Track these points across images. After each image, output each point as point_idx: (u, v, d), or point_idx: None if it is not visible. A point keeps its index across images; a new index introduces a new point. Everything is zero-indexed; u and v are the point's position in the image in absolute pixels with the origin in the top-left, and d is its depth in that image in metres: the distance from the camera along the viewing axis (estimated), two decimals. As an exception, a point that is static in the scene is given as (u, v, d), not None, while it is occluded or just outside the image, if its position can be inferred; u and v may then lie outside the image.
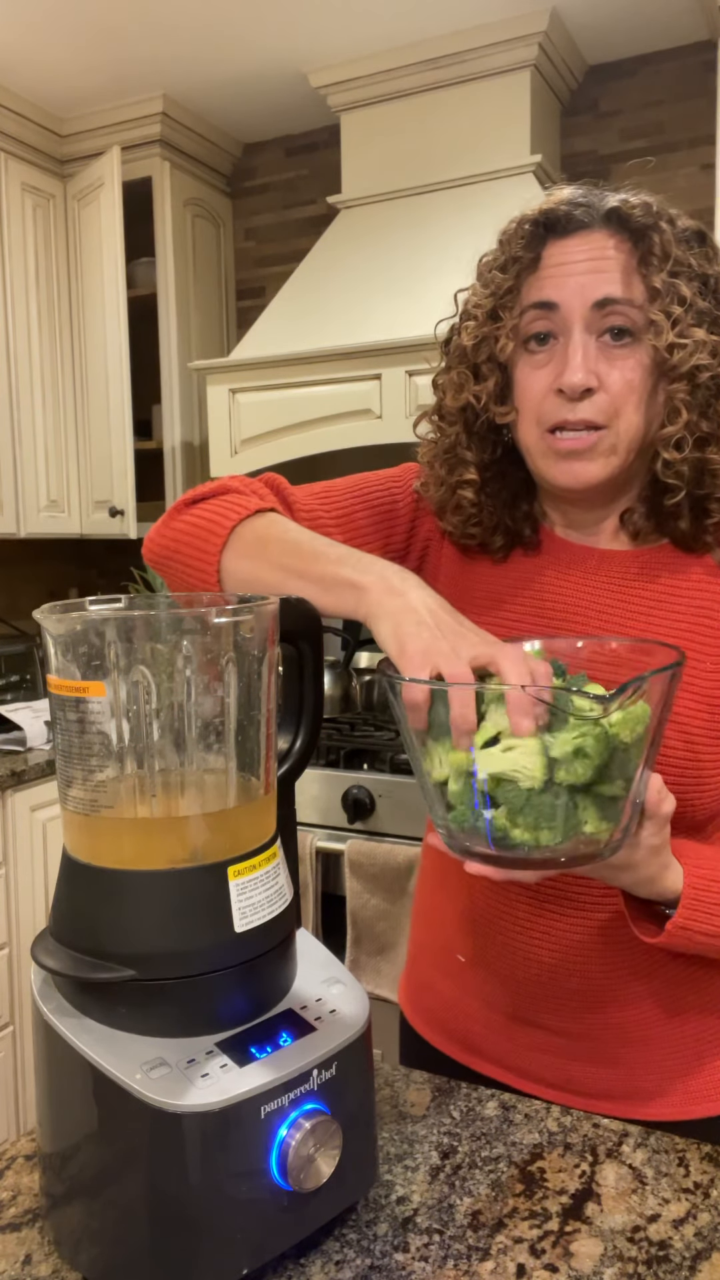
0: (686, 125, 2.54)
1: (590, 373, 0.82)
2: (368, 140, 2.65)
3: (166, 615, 0.67)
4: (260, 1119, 0.61)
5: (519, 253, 0.86)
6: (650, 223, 0.82)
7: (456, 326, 0.92)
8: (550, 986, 0.91)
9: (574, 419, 0.84)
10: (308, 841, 2.24)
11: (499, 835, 0.66)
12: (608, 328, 0.83)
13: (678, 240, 0.83)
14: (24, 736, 2.51)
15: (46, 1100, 0.68)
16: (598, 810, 0.67)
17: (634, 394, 0.83)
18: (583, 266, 0.83)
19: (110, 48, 2.52)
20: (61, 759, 0.68)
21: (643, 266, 0.82)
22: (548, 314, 0.85)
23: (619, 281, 0.82)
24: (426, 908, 1.06)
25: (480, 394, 0.89)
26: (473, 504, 0.91)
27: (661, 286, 0.81)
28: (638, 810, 0.71)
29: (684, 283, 0.82)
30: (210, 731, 0.67)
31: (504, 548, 0.94)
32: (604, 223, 0.84)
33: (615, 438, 0.84)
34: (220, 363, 2.56)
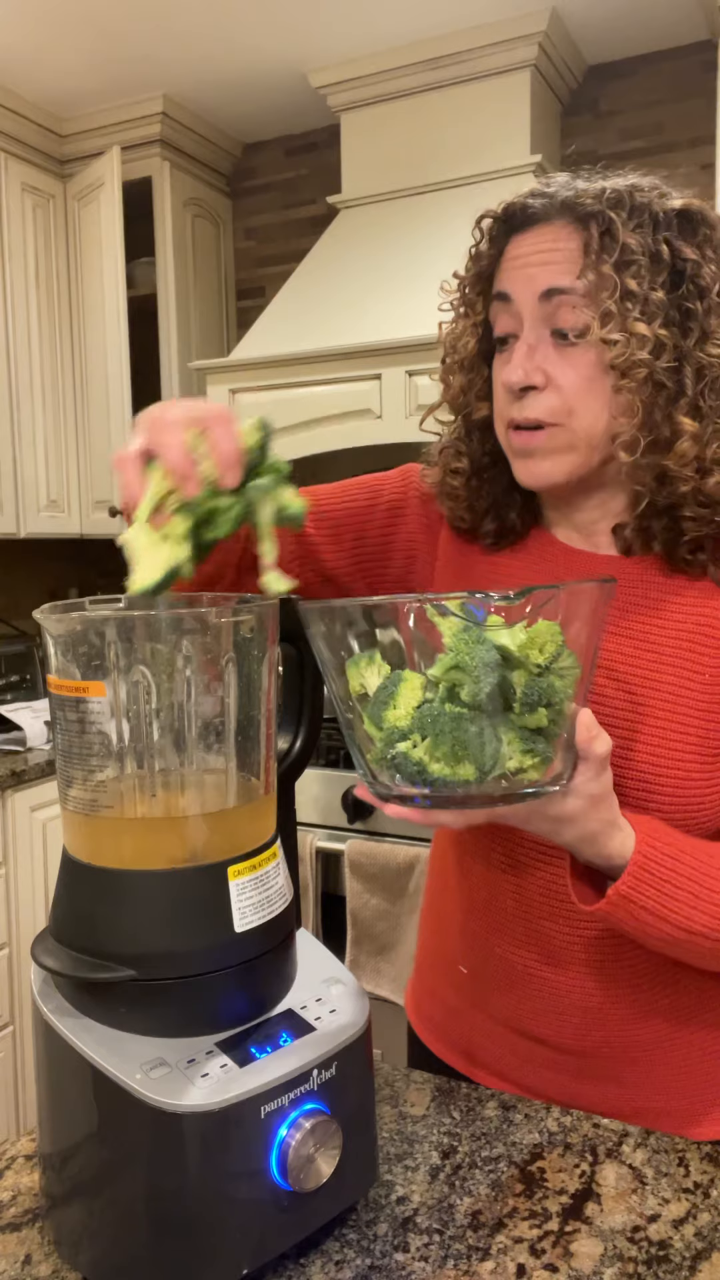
0: (686, 125, 2.54)
1: (535, 369, 0.81)
2: (368, 140, 2.65)
3: (166, 615, 0.67)
4: (260, 1119, 0.61)
5: (482, 249, 0.87)
6: (598, 210, 0.78)
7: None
8: (550, 1002, 0.90)
9: (520, 417, 0.82)
10: (308, 841, 2.24)
11: (416, 769, 0.63)
12: (556, 326, 0.80)
13: (640, 227, 0.78)
14: (24, 736, 2.51)
15: (46, 1100, 0.68)
16: (521, 743, 0.63)
17: (586, 391, 0.80)
18: (534, 259, 0.81)
19: (110, 48, 2.52)
20: (61, 759, 0.68)
21: (585, 256, 0.79)
22: (505, 307, 0.84)
23: (563, 272, 0.79)
24: (432, 915, 1.05)
25: (461, 389, 0.90)
26: (462, 490, 0.92)
27: (595, 280, 0.78)
28: (571, 752, 0.68)
29: (636, 274, 0.77)
30: (210, 731, 0.67)
31: (493, 534, 0.93)
32: (559, 213, 0.81)
33: (570, 435, 0.81)
34: (220, 363, 2.56)
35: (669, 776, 0.82)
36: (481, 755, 0.62)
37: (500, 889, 0.91)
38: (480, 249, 0.87)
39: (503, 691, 0.63)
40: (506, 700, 0.63)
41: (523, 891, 0.89)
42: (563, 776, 0.68)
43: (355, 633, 0.67)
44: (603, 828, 0.73)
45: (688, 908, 0.75)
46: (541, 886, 0.87)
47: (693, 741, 0.82)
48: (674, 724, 0.82)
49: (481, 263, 0.87)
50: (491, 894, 0.92)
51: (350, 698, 0.67)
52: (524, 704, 0.63)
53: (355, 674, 0.66)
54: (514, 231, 0.84)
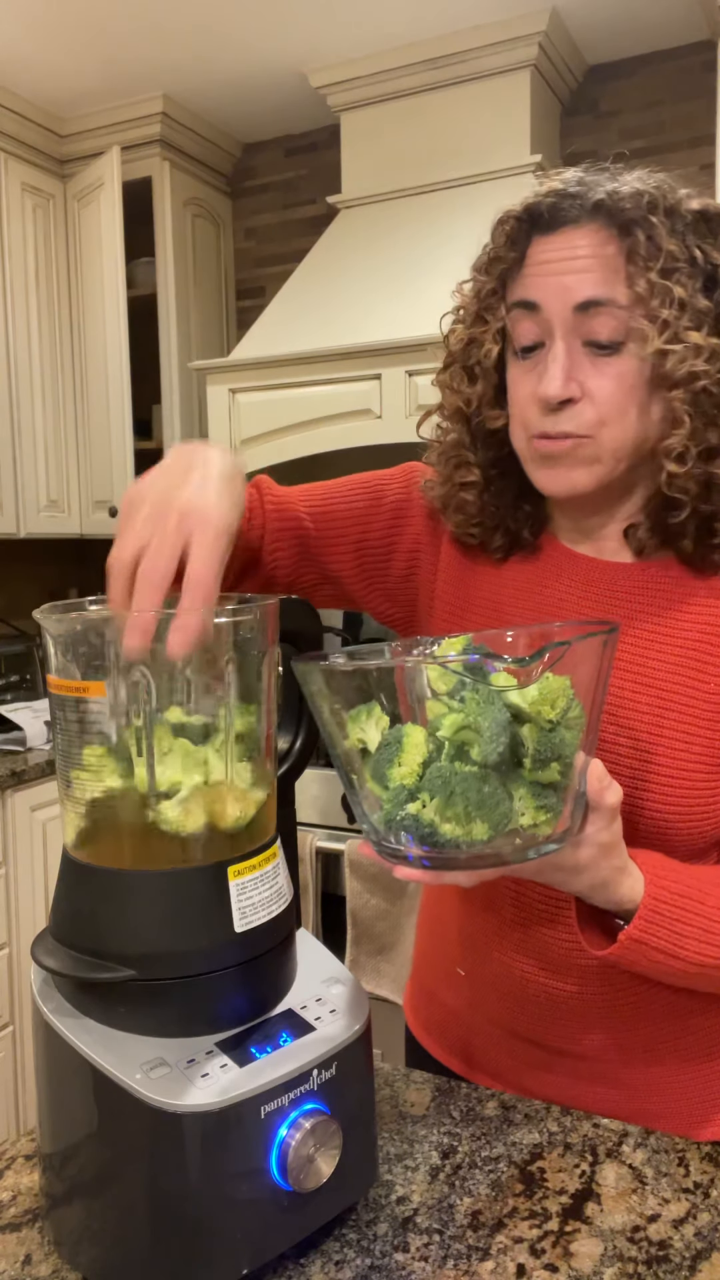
0: (686, 125, 2.54)
1: (570, 382, 0.77)
2: (368, 140, 2.65)
3: (167, 615, 0.67)
4: (260, 1119, 0.61)
5: (502, 251, 0.82)
6: (639, 215, 0.75)
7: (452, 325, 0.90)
8: (548, 1005, 0.89)
9: (554, 431, 0.79)
10: (308, 841, 2.24)
11: (427, 831, 0.60)
12: (592, 338, 0.77)
13: (675, 232, 0.76)
14: (24, 736, 2.51)
15: (46, 1100, 0.68)
16: (533, 799, 0.61)
17: (622, 404, 0.77)
18: (565, 266, 0.77)
19: (110, 48, 2.52)
20: (61, 759, 0.68)
21: (630, 265, 0.75)
22: (530, 315, 0.79)
23: (602, 282, 0.76)
24: (430, 917, 1.05)
25: (472, 397, 0.86)
26: (474, 504, 0.89)
27: (647, 288, 0.74)
28: (581, 803, 0.66)
29: (679, 280, 0.75)
30: (210, 731, 0.67)
31: (503, 548, 0.91)
32: (591, 216, 0.77)
33: (598, 447, 0.79)
34: (220, 363, 2.56)
35: (676, 786, 0.81)
36: (494, 814, 0.60)
37: (499, 895, 0.90)
38: (500, 251, 0.83)
39: (513, 747, 0.61)
40: (517, 756, 0.61)
41: (522, 898, 0.88)
42: (573, 829, 0.66)
43: (352, 685, 0.65)
44: (613, 874, 0.72)
45: (698, 943, 0.74)
46: (541, 893, 0.87)
47: (697, 752, 0.81)
48: (680, 732, 0.81)
49: (501, 266, 0.82)
50: (490, 899, 0.91)
51: (351, 754, 0.65)
52: (536, 760, 0.61)
53: (355, 728, 0.64)
54: (538, 233, 0.79)
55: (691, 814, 0.81)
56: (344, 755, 0.66)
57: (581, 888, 0.72)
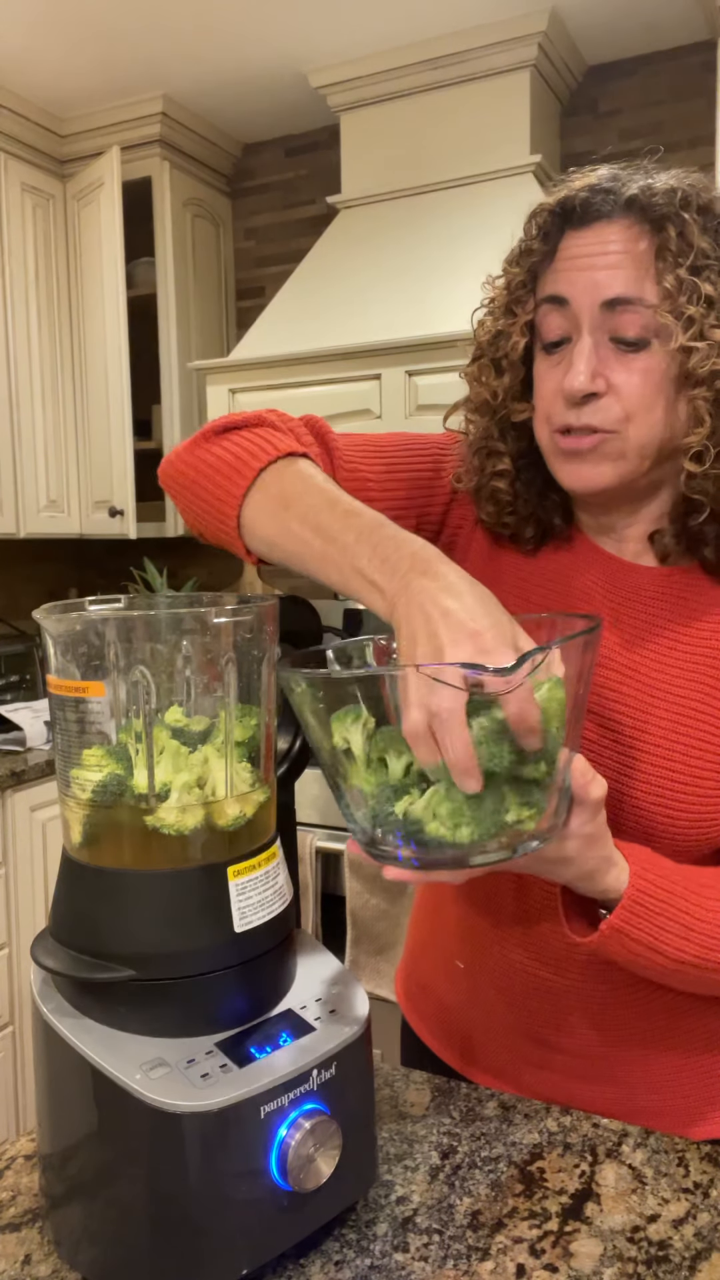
0: (686, 125, 2.54)
1: (596, 377, 0.77)
2: (367, 140, 2.65)
3: (166, 615, 0.67)
4: (260, 1119, 0.61)
5: (534, 244, 0.82)
6: (671, 211, 0.74)
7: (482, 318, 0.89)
8: (548, 1001, 0.89)
9: (578, 424, 0.79)
10: (308, 841, 2.24)
11: (413, 828, 0.60)
12: (618, 334, 0.77)
13: (707, 229, 0.75)
14: (24, 736, 2.51)
15: (46, 1100, 0.68)
16: (518, 796, 0.62)
17: (648, 400, 0.77)
18: (596, 261, 0.77)
19: (110, 48, 2.52)
20: (61, 759, 0.68)
21: (659, 260, 0.75)
22: (560, 310, 0.79)
23: (632, 279, 0.75)
24: (428, 909, 1.05)
25: (498, 389, 0.86)
26: (507, 493, 0.88)
27: (675, 284, 0.74)
28: (565, 798, 0.67)
29: (709, 278, 0.74)
30: (210, 731, 0.67)
31: (534, 538, 0.90)
32: (624, 212, 0.76)
33: (623, 443, 0.78)
34: (220, 363, 2.56)
35: (691, 793, 0.80)
36: (485, 815, 0.61)
37: (500, 889, 0.90)
38: (532, 244, 0.82)
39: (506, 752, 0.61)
40: (508, 760, 0.61)
41: (523, 892, 0.89)
42: (558, 824, 0.66)
43: (334, 691, 0.65)
44: (599, 864, 0.72)
45: (678, 939, 0.75)
46: (542, 888, 0.87)
47: (712, 759, 0.81)
48: (695, 739, 0.81)
49: (533, 259, 0.82)
50: (491, 893, 0.91)
51: (336, 754, 0.65)
52: (526, 759, 0.61)
53: (339, 729, 0.64)
54: (570, 227, 0.79)
55: (702, 820, 0.81)
56: (329, 756, 0.66)
57: (569, 877, 0.73)
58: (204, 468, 0.82)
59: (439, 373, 2.27)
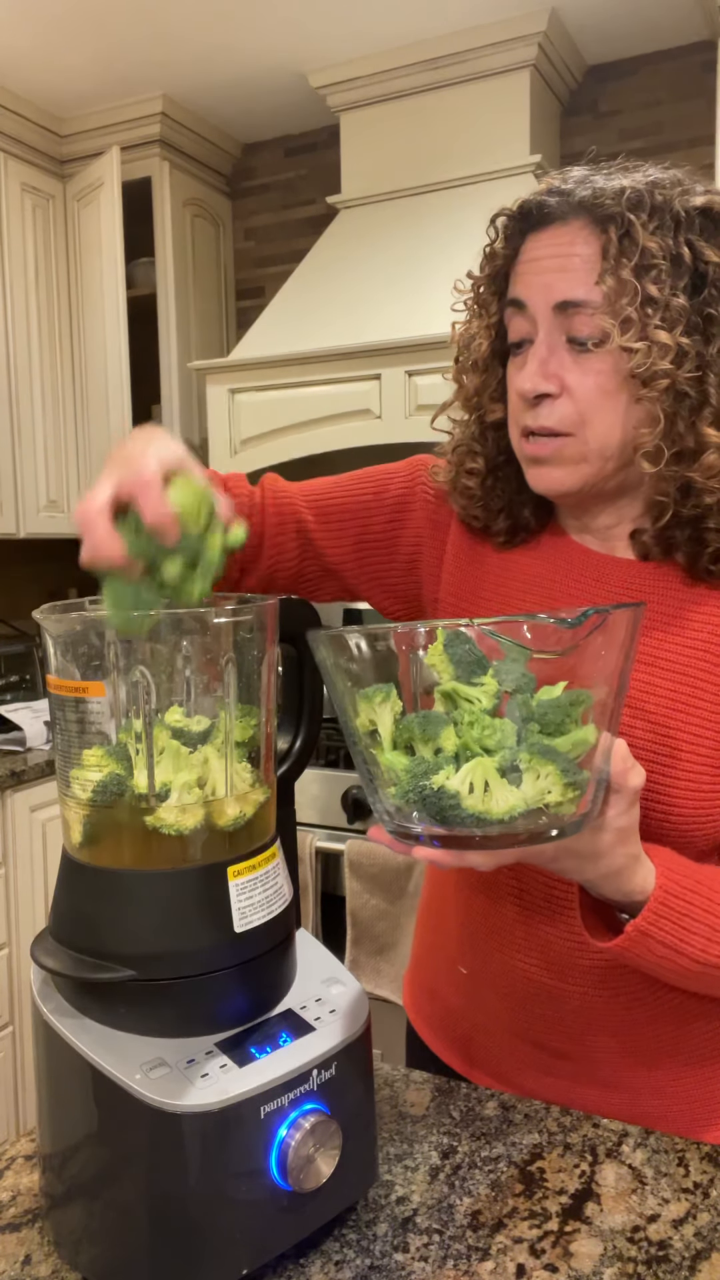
0: (686, 125, 2.54)
1: (550, 378, 0.78)
2: (367, 140, 2.65)
3: (166, 615, 0.67)
4: (260, 1119, 0.61)
5: (497, 248, 0.84)
6: (616, 212, 0.75)
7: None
8: (550, 1006, 0.89)
9: (534, 425, 0.80)
10: (308, 841, 2.24)
11: (450, 803, 0.58)
12: (573, 334, 0.78)
13: (661, 229, 0.75)
14: (24, 736, 2.51)
15: (46, 1100, 0.68)
16: (562, 776, 0.59)
17: (602, 400, 0.78)
18: (549, 264, 0.78)
19: (110, 48, 2.52)
20: (61, 759, 0.68)
21: (603, 261, 0.75)
22: (520, 313, 0.81)
23: (581, 282, 0.76)
24: (432, 911, 1.04)
25: (473, 390, 0.88)
26: (477, 490, 0.90)
27: (615, 285, 0.74)
28: (603, 785, 0.65)
29: (656, 278, 0.74)
30: (210, 731, 0.67)
31: (505, 532, 0.91)
32: (576, 213, 0.77)
33: (582, 445, 0.79)
34: (220, 363, 2.56)
35: (680, 790, 0.80)
36: (518, 790, 0.59)
37: (501, 893, 0.90)
38: (495, 248, 0.84)
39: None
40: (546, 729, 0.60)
41: (524, 896, 0.88)
42: (593, 812, 0.64)
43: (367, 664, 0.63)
44: (628, 862, 0.70)
45: (704, 940, 0.73)
46: (543, 893, 0.86)
47: (704, 754, 0.80)
48: (685, 737, 0.80)
49: (496, 262, 0.84)
50: (492, 899, 0.91)
51: (364, 732, 0.63)
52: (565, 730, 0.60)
53: (367, 708, 0.62)
54: (530, 230, 0.81)
55: (698, 815, 0.81)
56: (357, 733, 0.64)
57: (595, 876, 0.71)
58: None
59: (439, 373, 2.27)
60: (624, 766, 0.66)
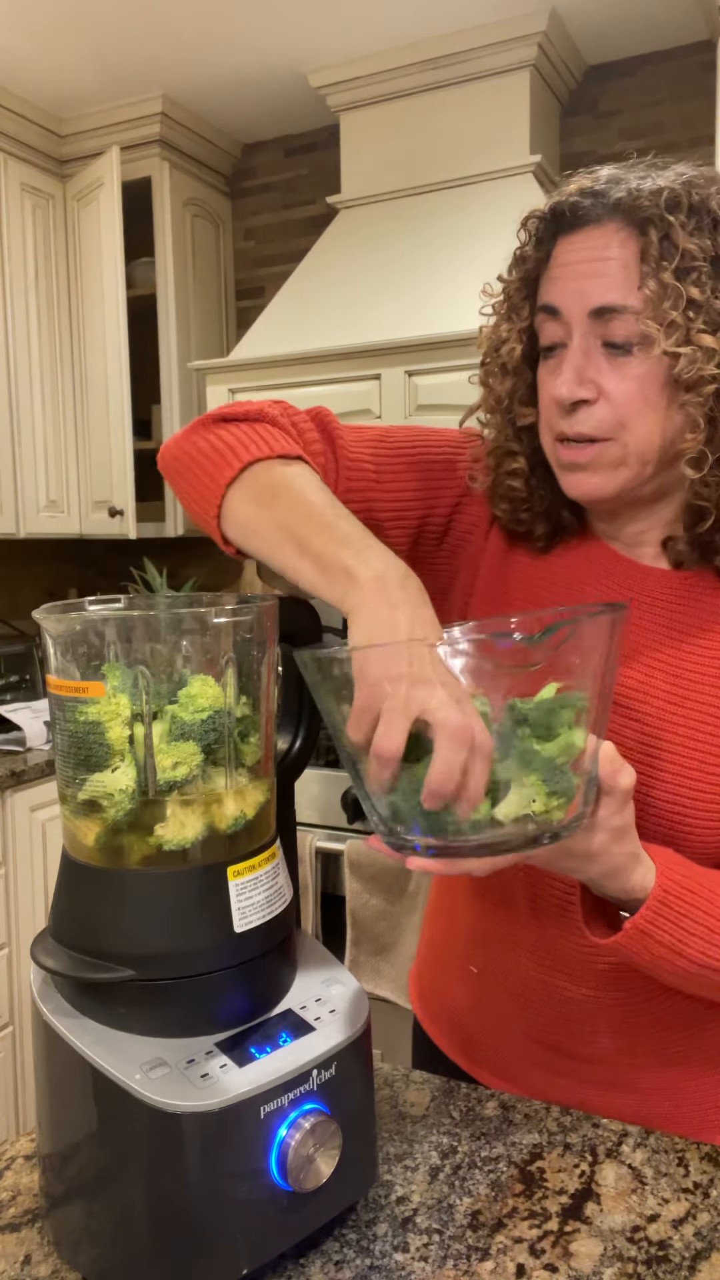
0: (686, 125, 2.54)
1: (587, 383, 0.77)
2: (367, 140, 2.65)
3: (166, 615, 0.67)
4: (260, 1119, 0.61)
5: (528, 251, 0.82)
6: (655, 214, 0.73)
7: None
8: (560, 1007, 0.88)
9: (570, 432, 0.78)
10: (307, 841, 2.24)
11: (439, 817, 0.59)
12: (609, 339, 0.76)
13: (700, 229, 0.73)
14: (23, 736, 2.51)
15: (46, 1100, 0.68)
16: (544, 785, 0.60)
17: (640, 405, 0.76)
18: (583, 269, 0.76)
19: (110, 48, 2.52)
20: (61, 759, 0.68)
21: (643, 264, 0.74)
22: (553, 318, 0.79)
23: (618, 286, 0.75)
24: (441, 910, 1.03)
25: (503, 394, 0.86)
26: (522, 491, 0.87)
27: (657, 289, 0.73)
28: (593, 787, 0.65)
29: (697, 280, 0.73)
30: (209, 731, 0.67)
31: (546, 536, 0.89)
32: (612, 215, 0.75)
33: (622, 450, 0.78)
34: (220, 363, 2.56)
35: (691, 814, 0.79)
36: (507, 799, 0.60)
37: (512, 895, 0.89)
38: (526, 251, 0.82)
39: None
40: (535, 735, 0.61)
41: (534, 901, 0.87)
42: (585, 814, 0.65)
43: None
44: (626, 860, 0.71)
45: (703, 942, 0.73)
46: (553, 896, 0.86)
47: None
48: (693, 760, 0.80)
49: (527, 265, 0.82)
50: (501, 901, 0.90)
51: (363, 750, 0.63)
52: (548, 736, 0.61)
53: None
54: (562, 232, 0.79)
55: (715, 830, 0.80)
56: (350, 746, 0.64)
57: (594, 875, 0.71)
58: (196, 455, 0.81)
59: (439, 373, 2.27)
60: (613, 768, 0.67)
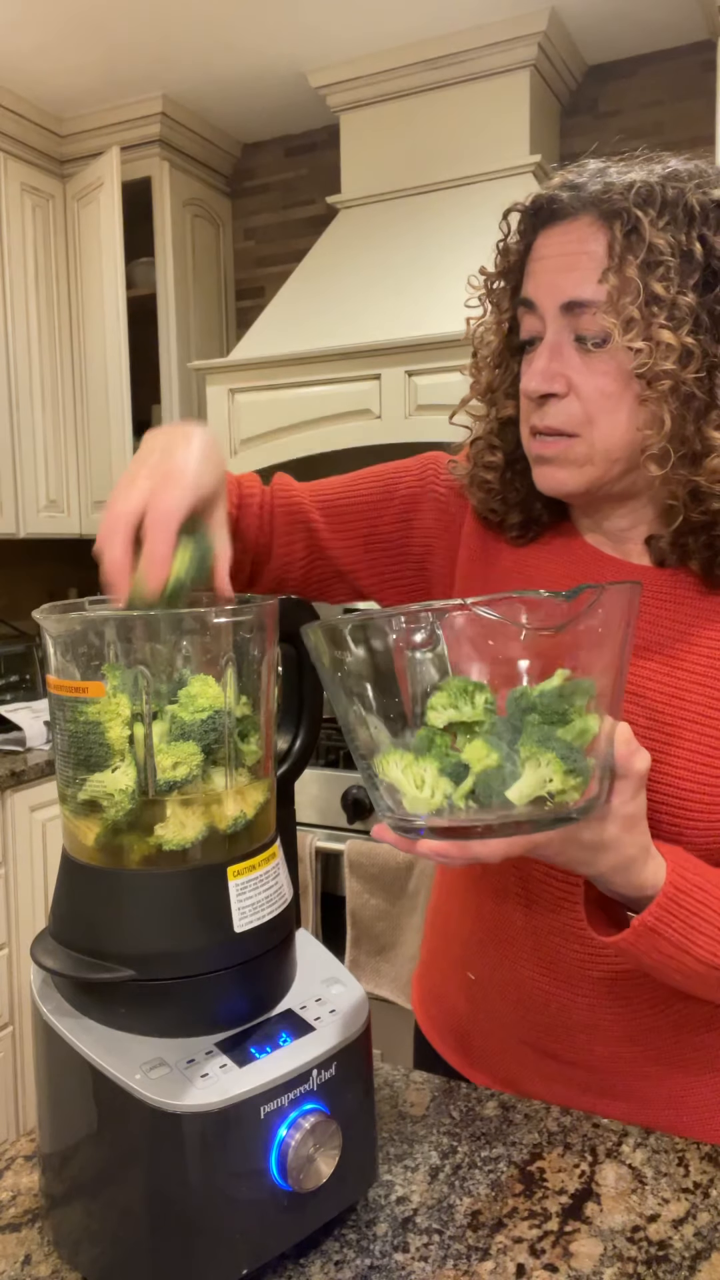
0: (686, 125, 2.54)
1: (556, 378, 0.77)
2: (367, 140, 2.65)
3: (166, 615, 0.67)
4: (260, 1119, 0.61)
5: (510, 243, 0.83)
6: (623, 207, 0.73)
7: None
8: (558, 1015, 0.88)
9: (541, 425, 0.79)
10: (307, 841, 2.24)
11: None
12: (580, 333, 0.76)
13: (672, 224, 0.73)
14: (23, 737, 2.51)
15: (46, 1100, 0.68)
16: (562, 764, 0.58)
17: (608, 401, 0.76)
18: (557, 263, 0.77)
19: (110, 48, 2.52)
20: (61, 759, 0.68)
21: (608, 258, 0.73)
22: (530, 311, 0.80)
23: (589, 280, 0.74)
24: (441, 915, 1.03)
25: (487, 386, 0.87)
26: (495, 484, 0.89)
27: (618, 284, 0.73)
28: (608, 771, 0.63)
29: (663, 276, 0.72)
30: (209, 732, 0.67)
31: (519, 527, 0.90)
32: (586, 209, 0.75)
33: (588, 447, 0.78)
34: (219, 363, 2.56)
35: (697, 800, 0.78)
36: (522, 778, 0.58)
37: (508, 902, 0.89)
38: (508, 244, 0.83)
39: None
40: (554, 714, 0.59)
41: (531, 906, 0.87)
42: (600, 798, 0.63)
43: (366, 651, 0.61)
44: (638, 853, 0.68)
45: (711, 940, 0.71)
46: (551, 902, 0.86)
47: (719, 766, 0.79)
48: (701, 746, 0.79)
49: (509, 258, 0.83)
50: (499, 906, 0.90)
51: (371, 729, 0.62)
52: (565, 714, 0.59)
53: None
54: (542, 226, 0.79)
55: (715, 828, 0.79)
56: (357, 731, 0.63)
57: (604, 868, 0.69)
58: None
59: (439, 373, 2.27)
60: (628, 750, 0.65)
